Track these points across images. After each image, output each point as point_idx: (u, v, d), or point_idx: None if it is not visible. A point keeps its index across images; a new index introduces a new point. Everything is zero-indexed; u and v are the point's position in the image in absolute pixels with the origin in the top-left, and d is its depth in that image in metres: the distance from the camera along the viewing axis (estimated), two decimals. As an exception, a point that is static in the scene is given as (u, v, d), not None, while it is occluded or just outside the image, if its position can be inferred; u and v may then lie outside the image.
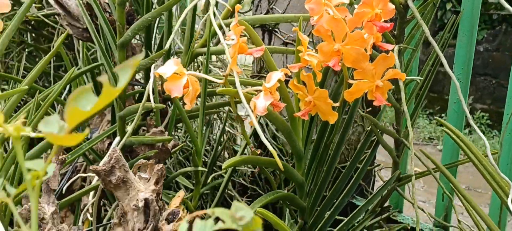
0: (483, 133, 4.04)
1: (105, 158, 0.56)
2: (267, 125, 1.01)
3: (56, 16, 1.25)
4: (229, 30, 0.58)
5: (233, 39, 0.55)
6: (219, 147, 0.92)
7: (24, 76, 1.24)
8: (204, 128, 0.82)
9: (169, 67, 0.53)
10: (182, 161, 1.20)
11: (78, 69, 1.03)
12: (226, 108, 1.09)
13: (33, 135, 0.27)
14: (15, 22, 0.64)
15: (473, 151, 0.80)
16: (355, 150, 1.10)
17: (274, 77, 0.54)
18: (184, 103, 0.56)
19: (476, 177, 2.92)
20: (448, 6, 4.06)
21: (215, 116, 1.26)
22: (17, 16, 0.66)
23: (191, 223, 0.22)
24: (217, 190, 1.11)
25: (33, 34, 1.32)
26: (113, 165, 0.56)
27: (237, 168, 1.09)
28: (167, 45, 0.66)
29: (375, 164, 1.15)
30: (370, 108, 1.05)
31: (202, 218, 0.22)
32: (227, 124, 1.30)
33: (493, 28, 4.10)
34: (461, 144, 0.80)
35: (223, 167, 0.55)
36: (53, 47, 1.22)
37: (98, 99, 0.19)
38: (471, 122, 0.77)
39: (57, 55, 1.26)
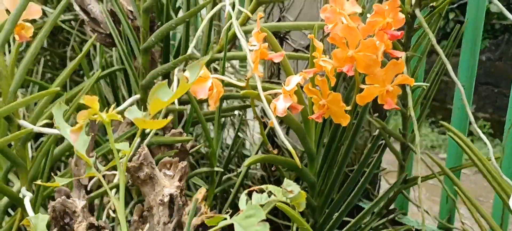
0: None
1: (135, 156, 0.60)
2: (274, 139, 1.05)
3: (72, 22, 1.29)
4: (245, 36, 0.62)
5: (255, 45, 0.58)
6: (232, 151, 0.95)
7: (45, 80, 1.28)
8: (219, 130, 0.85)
9: (194, 75, 0.57)
10: (193, 163, 1.24)
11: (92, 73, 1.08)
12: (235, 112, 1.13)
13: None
14: (47, 27, 0.68)
15: (477, 154, 0.83)
16: (362, 154, 1.14)
17: (293, 80, 0.58)
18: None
19: (477, 185, 2.96)
20: (451, 15, 4.11)
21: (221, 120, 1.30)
22: (49, 22, 0.70)
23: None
24: (226, 192, 1.15)
25: (49, 40, 1.36)
26: (141, 162, 0.60)
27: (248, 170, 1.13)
28: (189, 51, 0.70)
29: (381, 169, 1.19)
30: (377, 115, 1.09)
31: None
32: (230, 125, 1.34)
33: (495, 37, 4.15)
34: (464, 147, 0.84)
35: (245, 164, 0.59)
36: (69, 52, 1.26)
37: (174, 93, 0.23)
38: (475, 126, 0.81)
39: (70, 58, 1.30)
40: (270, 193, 0.24)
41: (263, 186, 0.23)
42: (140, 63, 0.77)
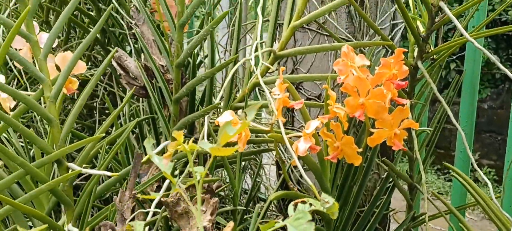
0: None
1: (172, 193, 0.68)
2: (292, 170, 1.12)
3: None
4: (267, 86, 0.71)
5: (278, 94, 0.67)
6: (253, 192, 1.03)
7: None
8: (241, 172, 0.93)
9: (227, 117, 0.66)
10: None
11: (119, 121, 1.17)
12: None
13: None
14: (92, 83, 0.78)
15: (479, 192, 0.91)
16: (371, 195, 1.21)
17: (313, 125, 0.66)
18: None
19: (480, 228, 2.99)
20: (452, 66, 4.23)
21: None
22: (92, 82, 0.79)
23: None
24: (246, 229, 1.22)
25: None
26: (178, 198, 0.68)
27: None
28: (217, 100, 0.79)
29: (390, 209, 1.26)
30: (384, 158, 1.17)
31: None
32: (249, 172, 1.42)
33: (496, 86, 4.25)
34: (467, 186, 0.92)
35: (271, 198, 0.67)
36: (98, 103, 1.36)
37: (238, 128, 0.31)
38: (476, 167, 0.88)
39: (99, 110, 1.40)
40: (310, 204, 0.31)
41: (305, 199, 0.31)
42: (171, 112, 0.86)
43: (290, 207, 0.33)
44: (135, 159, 0.71)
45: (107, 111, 1.43)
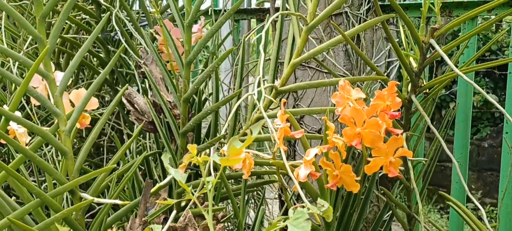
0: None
1: (181, 218, 0.72)
2: (294, 202, 1.16)
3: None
4: (272, 117, 0.76)
5: (279, 125, 0.72)
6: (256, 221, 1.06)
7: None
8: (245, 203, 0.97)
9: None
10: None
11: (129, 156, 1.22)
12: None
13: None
14: (102, 122, 0.83)
15: (474, 220, 0.94)
16: (372, 227, 1.24)
17: (312, 152, 0.71)
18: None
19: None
20: (452, 105, 4.29)
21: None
22: (101, 120, 0.84)
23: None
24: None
25: (86, 131, 1.51)
26: (186, 223, 0.71)
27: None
28: (222, 133, 0.83)
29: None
30: (383, 187, 1.21)
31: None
32: (252, 206, 1.45)
33: (495, 125, 4.30)
34: (463, 215, 0.95)
35: (274, 222, 0.71)
36: (105, 141, 1.40)
37: (243, 143, 0.36)
38: (470, 195, 0.92)
39: (107, 148, 1.44)
40: (308, 208, 0.36)
41: (303, 204, 0.35)
42: (178, 145, 0.91)
43: (290, 210, 0.37)
44: (145, 187, 0.75)
45: (114, 150, 1.48)
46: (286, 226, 0.43)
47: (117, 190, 0.84)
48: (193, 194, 0.75)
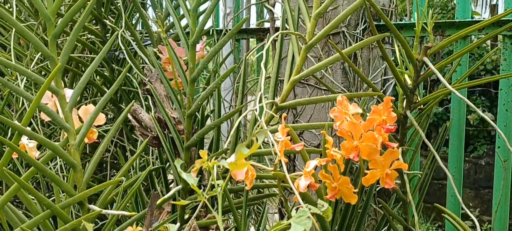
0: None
1: (186, 227, 0.75)
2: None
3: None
4: (273, 132, 0.80)
5: (280, 138, 0.76)
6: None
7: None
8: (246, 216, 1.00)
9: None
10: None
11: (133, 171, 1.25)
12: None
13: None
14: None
15: (468, 231, 0.97)
16: (370, 241, 1.27)
17: (312, 164, 0.74)
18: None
19: None
20: (448, 123, 4.33)
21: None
22: (106, 140, 0.88)
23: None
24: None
25: (90, 147, 1.54)
26: (192, 232, 0.75)
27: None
28: (225, 146, 0.87)
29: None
30: (381, 206, 1.24)
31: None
32: (253, 222, 1.48)
33: (492, 143, 4.33)
34: (457, 226, 0.98)
35: (273, 228, 0.74)
36: (109, 158, 1.43)
37: (251, 149, 0.39)
38: (464, 207, 0.96)
39: (110, 164, 1.48)
40: (309, 208, 0.39)
41: (305, 205, 0.38)
42: (183, 159, 0.94)
43: (293, 211, 0.41)
44: (152, 199, 0.78)
45: (117, 166, 1.51)
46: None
47: (123, 202, 0.87)
48: (195, 207, 0.78)
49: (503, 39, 1.02)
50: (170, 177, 1.26)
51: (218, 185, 0.44)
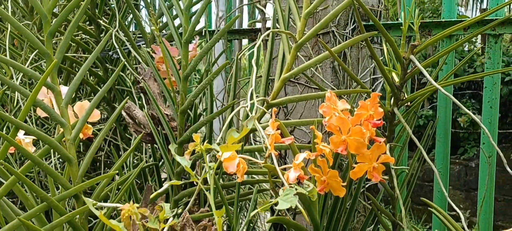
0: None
1: (179, 219, 0.77)
2: (288, 210, 1.21)
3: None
4: (263, 129, 0.82)
5: (271, 132, 0.78)
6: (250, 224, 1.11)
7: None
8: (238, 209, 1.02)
9: (227, 153, 0.76)
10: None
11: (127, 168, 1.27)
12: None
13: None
14: (102, 136, 0.88)
15: (454, 225, 1.00)
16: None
17: (301, 157, 0.77)
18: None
19: None
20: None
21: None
22: (101, 135, 0.90)
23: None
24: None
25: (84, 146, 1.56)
26: (185, 223, 0.77)
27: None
28: (217, 141, 0.89)
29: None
30: (371, 201, 1.26)
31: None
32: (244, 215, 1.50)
33: (482, 145, 4.38)
34: (444, 220, 1.01)
35: (268, 220, 0.76)
36: (103, 156, 1.45)
37: (241, 133, 0.42)
38: (450, 201, 0.98)
39: (103, 163, 1.49)
40: (296, 188, 0.41)
41: (292, 186, 0.41)
42: (175, 155, 0.96)
43: (280, 190, 0.43)
44: (146, 191, 0.80)
45: (111, 164, 1.53)
46: None
47: (116, 198, 0.89)
48: (189, 197, 0.80)
49: (487, 38, 1.06)
50: (163, 175, 1.28)
51: (210, 167, 0.46)
